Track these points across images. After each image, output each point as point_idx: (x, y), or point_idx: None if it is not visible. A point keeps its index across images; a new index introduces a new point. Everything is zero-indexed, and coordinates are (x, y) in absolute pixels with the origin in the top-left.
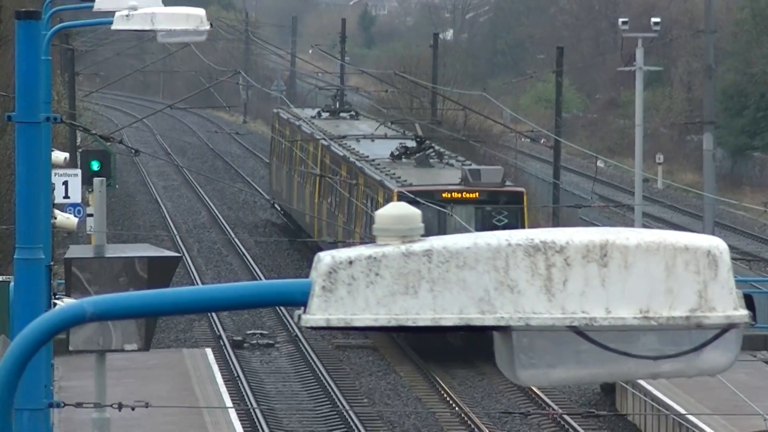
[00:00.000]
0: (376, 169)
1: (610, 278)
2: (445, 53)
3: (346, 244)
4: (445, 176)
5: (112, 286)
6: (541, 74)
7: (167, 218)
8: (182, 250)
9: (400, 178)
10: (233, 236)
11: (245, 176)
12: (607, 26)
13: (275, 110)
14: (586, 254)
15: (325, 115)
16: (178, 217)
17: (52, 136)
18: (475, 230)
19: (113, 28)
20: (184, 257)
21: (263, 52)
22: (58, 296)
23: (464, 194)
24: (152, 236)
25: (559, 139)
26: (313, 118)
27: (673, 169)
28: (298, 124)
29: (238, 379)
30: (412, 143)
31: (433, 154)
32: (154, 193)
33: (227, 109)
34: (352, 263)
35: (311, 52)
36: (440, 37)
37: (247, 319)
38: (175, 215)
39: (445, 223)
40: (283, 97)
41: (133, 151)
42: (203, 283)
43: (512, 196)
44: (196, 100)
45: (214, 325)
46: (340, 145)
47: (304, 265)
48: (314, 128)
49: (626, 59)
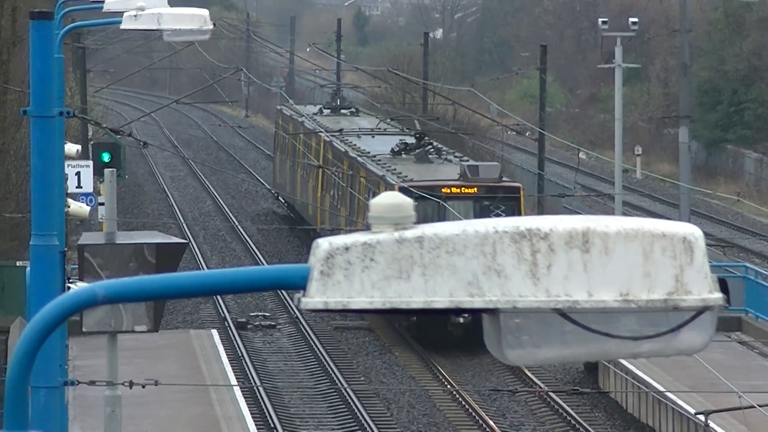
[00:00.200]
0: (377, 164)
1: (591, 263)
2: (435, 51)
3: (344, 232)
4: (444, 172)
5: (122, 270)
6: (525, 71)
7: (174, 207)
8: (188, 237)
9: (401, 173)
10: (236, 224)
11: (247, 167)
12: (587, 26)
13: (279, 107)
14: (569, 241)
15: (326, 111)
16: (184, 205)
17: (65, 129)
18: None
19: (122, 27)
20: (190, 244)
21: (263, 50)
22: (71, 280)
23: (463, 189)
24: (160, 224)
25: (543, 132)
26: (315, 114)
27: (650, 160)
28: (300, 120)
29: (242, 358)
30: (410, 139)
31: (431, 150)
32: (161, 183)
33: (230, 104)
34: (348, 249)
35: (309, 50)
36: (430, 36)
37: (250, 301)
38: (181, 204)
39: (444, 217)
40: (282, 92)
41: (141, 143)
42: (208, 268)
43: (509, 190)
44: (200, 95)
45: (219, 307)
46: (341, 140)
47: (303, 251)
48: (316, 124)
49: (606, 57)
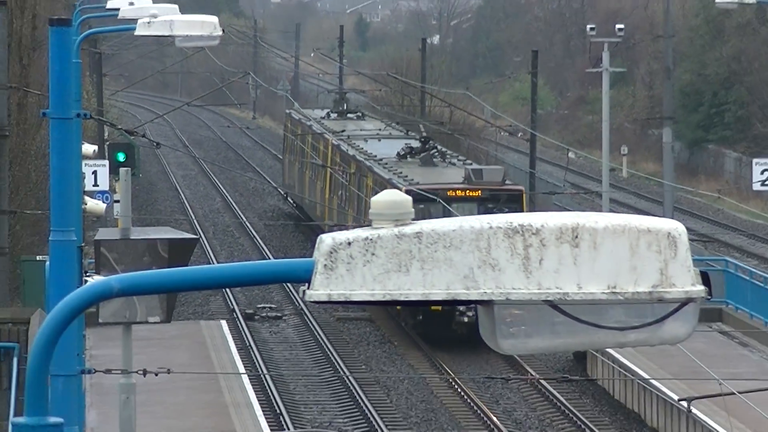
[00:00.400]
0: (384, 167)
1: (581, 257)
2: (432, 56)
3: (347, 228)
4: (448, 175)
5: (136, 264)
6: (517, 75)
7: (185, 204)
8: (199, 232)
9: (407, 176)
10: (244, 220)
11: (255, 166)
12: (576, 32)
13: (287, 111)
14: (559, 236)
15: (333, 115)
16: (195, 203)
17: (82, 130)
18: None
19: (136, 33)
20: (200, 239)
21: (270, 55)
22: (88, 274)
23: (468, 192)
24: (172, 220)
25: (534, 132)
26: (322, 118)
27: (636, 159)
28: (309, 124)
29: (249, 348)
30: (415, 143)
31: (436, 153)
32: (173, 181)
33: (238, 106)
34: (350, 244)
35: (313, 55)
36: (428, 41)
37: (257, 294)
38: (192, 201)
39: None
40: (288, 95)
41: (154, 144)
42: (218, 262)
43: (512, 194)
44: (210, 98)
45: (228, 299)
46: (348, 144)
47: (308, 245)
48: (324, 128)
49: (594, 61)
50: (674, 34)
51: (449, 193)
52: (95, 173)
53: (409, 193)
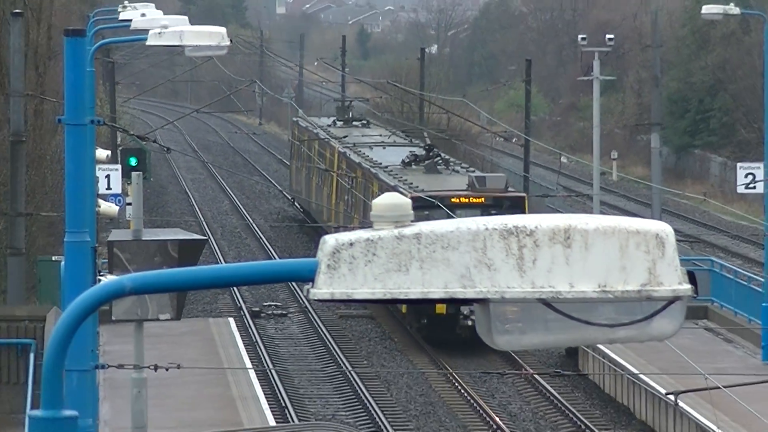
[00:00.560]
0: (389, 175)
1: (573, 257)
2: (430, 64)
3: (348, 229)
4: (452, 182)
5: (148, 264)
6: (512, 83)
7: (195, 206)
8: (208, 233)
9: (412, 184)
10: (251, 222)
11: (261, 170)
12: (568, 42)
13: (294, 119)
14: (552, 237)
15: (339, 123)
16: (203, 205)
17: (95, 136)
18: None
19: (147, 43)
20: (209, 240)
21: (275, 64)
22: (101, 273)
23: (471, 199)
24: (182, 222)
25: (528, 138)
26: (328, 126)
27: (625, 163)
28: (315, 131)
29: (256, 344)
30: (419, 150)
31: (440, 161)
32: (183, 185)
33: (245, 113)
34: (352, 245)
35: (316, 63)
36: (426, 51)
37: (263, 292)
38: (201, 204)
39: None
40: (292, 102)
41: (165, 149)
42: (225, 262)
43: (515, 200)
44: (218, 105)
45: (235, 298)
46: (354, 151)
47: (312, 246)
48: (330, 135)
49: (585, 70)
50: (662, 44)
51: (453, 200)
52: (108, 177)
53: (414, 200)
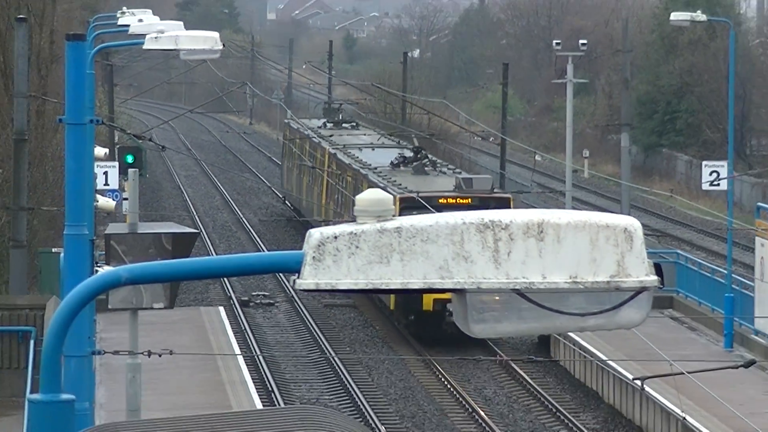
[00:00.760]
0: (378, 176)
1: (545, 250)
2: (412, 68)
3: (333, 223)
4: (439, 183)
5: (143, 256)
6: (490, 85)
7: (188, 201)
8: (200, 227)
9: (401, 185)
10: (241, 216)
11: (251, 168)
12: (543, 47)
13: (286, 120)
14: (526, 231)
15: (329, 125)
16: (196, 200)
17: (94, 135)
18: None
19: (145, 47)
20: (201, 233)
21: (265, 67)
22: (99, 264)
23: (458, 200)
24: (176, 216)
25: (504, 137)
26: (319, 128)
27: (596, 161)
28: (306, 133)
29: (245, 331)
30: (407, 152)
31: (428, 163)
32: (177, 181)
33: (236, 113)
34: (337, 238)
35: (304, 67)
36: (409, 55)
37: (252, 283)
38: (194, 199)
39: None
40: (281, 104)
41: (160, 147)
42: (217, 254)
43: (500, 201)
44: (211, 106)
45: (225, 288)
46: (344, 153)
47: (298, 239)
48: (321, 137)
49: (559, 73)
50: (632, 48)
51: (441, 200)
52: (106, 173)
53: (403, 200)
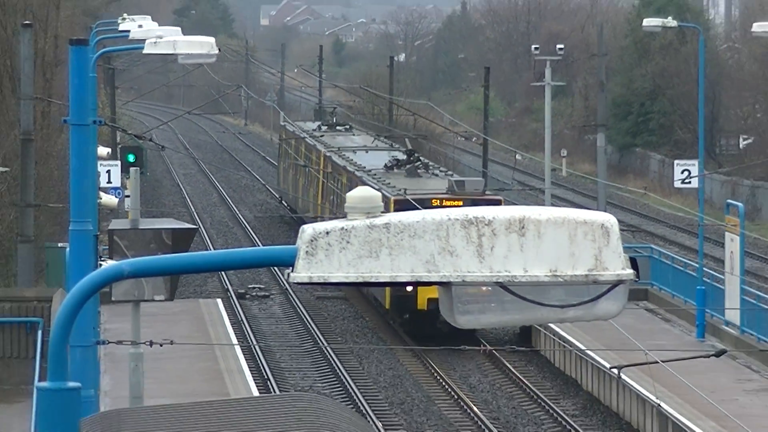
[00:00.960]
0: (373, 178)
1: (527, 245)
2: (398, 71)
3: (325, 220)
4: (432, 185)
5: (144, 250)
6: (472, 88)
7: (186, 198)
8: (198, 223)
9: (395, 187)
10: (237, 212)
11: (246, 166)
12: (522, 51)
13: (282, 123)
14: (508, 226)
15: (324, 128)
16: (194, 197)
17: (97, 135)
18: None
19: (144, 52)
20: (199, 229)
21: (259, 70)
22: (102, 259)
23: (451, 201)
24: (175, 212)
25: (486, 137)
26: (314, 130)
27: (574, 161)
28: (302, 135)
29: (241, 322)
30: (400, 155)
31: (420, 165)
32: (176, 179)
33: (232, 114)
34: (328, 233)
35: (296, 70)
36: (395, 59)
37: (248, 276)
38: (192, 196)
39: None
40: (275, 105)
41: (160, 147)
42: (214, 248)
43: (491, 203)
44: (208, 107)
45: (223, 281)
46: (339, 155)
47: (292, 234)
48: (316, 140)
49: (538, 76)
50: (607, 53)
51: (433, 202)
52: (109, 172)
53: (395, 202)
